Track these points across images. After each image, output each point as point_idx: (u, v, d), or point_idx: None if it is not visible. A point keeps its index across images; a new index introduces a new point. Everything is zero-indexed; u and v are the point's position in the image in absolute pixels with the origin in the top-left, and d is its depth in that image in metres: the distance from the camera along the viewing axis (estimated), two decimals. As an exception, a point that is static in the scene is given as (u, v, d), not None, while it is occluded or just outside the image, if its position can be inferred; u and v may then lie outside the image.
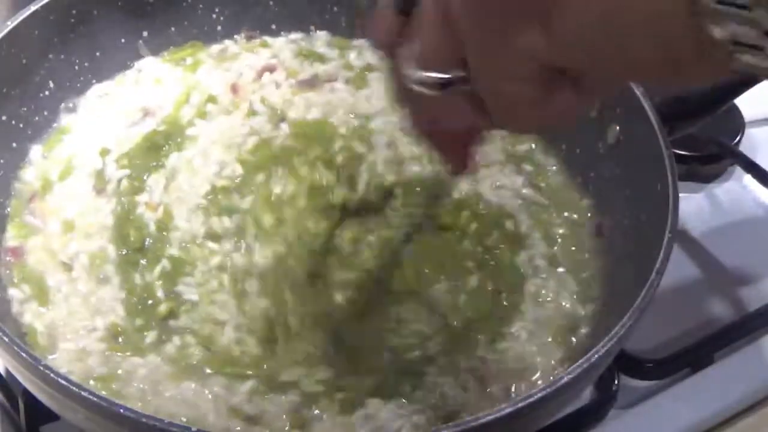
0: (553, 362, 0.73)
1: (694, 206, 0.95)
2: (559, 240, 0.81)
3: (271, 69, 0.90)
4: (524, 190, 0.84)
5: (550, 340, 0.74)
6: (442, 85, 0.50)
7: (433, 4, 0.49)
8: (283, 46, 0.93)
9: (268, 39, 0.94)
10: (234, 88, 0.88)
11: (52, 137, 0.85)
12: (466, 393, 0.71)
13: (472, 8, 0.46)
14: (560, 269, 0.79)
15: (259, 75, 0.89)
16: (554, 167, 0.86)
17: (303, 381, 0.71)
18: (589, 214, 0.83)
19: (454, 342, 0.73)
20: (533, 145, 0.87)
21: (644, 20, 0.41)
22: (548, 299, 0.77)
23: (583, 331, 0.75)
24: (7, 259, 0.77)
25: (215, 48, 0.92)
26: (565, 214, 0.83)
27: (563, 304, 0.77)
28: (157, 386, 0.70)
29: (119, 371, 0.71)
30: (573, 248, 0.81)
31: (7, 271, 0.77)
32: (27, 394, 0.71)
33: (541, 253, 0.80)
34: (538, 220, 0.82)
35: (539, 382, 0.71)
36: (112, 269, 0.77)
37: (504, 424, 0.61)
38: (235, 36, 0.93)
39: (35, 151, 0.84)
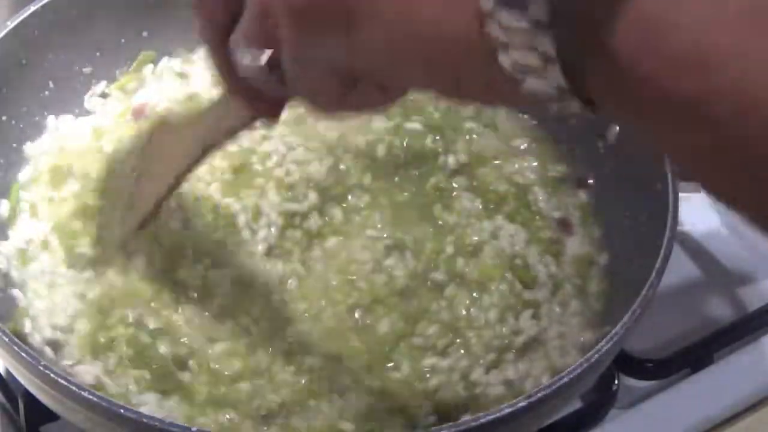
0: None
1: (694, 206, 0.94)
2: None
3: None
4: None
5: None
6: (259, 67, 0.53)
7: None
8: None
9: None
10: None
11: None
12: None
13: (280, 18, 0.49)
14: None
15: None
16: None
17: None
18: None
19: None
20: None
21: (437, 49, 0.44)
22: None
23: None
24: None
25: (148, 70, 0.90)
26: None
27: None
28: None
29: None
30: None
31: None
32: (27, 394, 0.71)
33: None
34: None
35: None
36: None
37: (504, 424, 0.61)
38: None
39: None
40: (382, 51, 0.46)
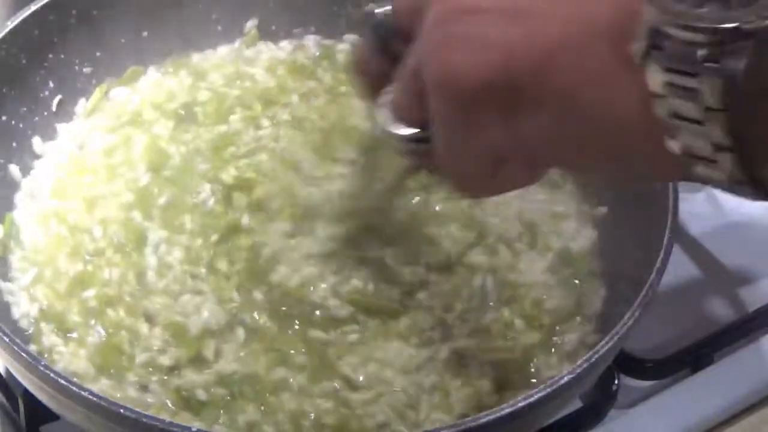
0: None
1: (694, 206, 0.94)
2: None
3: None
4: None
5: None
6: (405, 139, 0.53)
7: (411, 72, 0.51)
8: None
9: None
10: None
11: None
12: None
13: (441, 98, 0.48)
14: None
15: None
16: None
17: None
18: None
19: None
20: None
21: (603, 131, 0.43)
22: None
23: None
24: None
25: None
26: None
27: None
28: None
29: None
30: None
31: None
32: (27, 394, 0.71)
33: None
34: None
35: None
36: None
37: (504, 424, 0.61)
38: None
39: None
40: (546, 133, 0.45)
